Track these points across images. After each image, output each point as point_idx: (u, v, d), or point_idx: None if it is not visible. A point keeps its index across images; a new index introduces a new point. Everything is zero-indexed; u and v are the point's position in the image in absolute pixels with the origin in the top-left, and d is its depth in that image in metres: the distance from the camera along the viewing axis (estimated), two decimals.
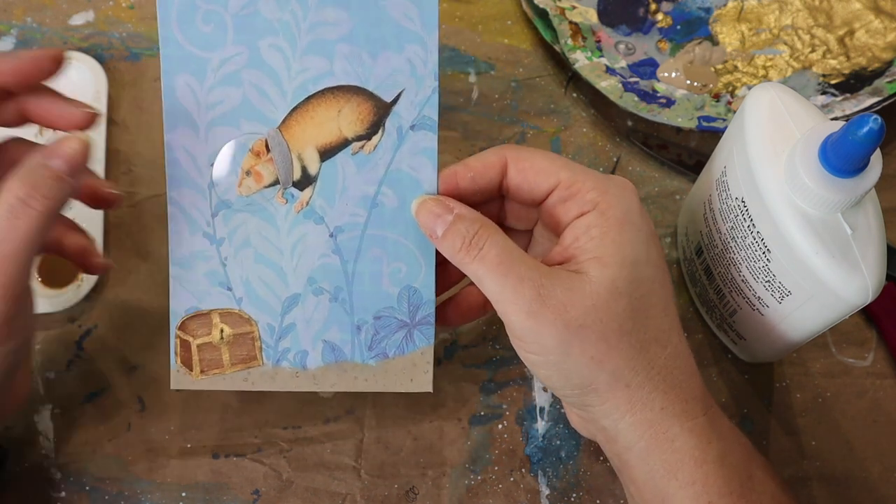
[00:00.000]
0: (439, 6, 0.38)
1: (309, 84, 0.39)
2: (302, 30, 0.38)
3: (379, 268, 0.40)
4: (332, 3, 0.38)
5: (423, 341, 0.41)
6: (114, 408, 0.47)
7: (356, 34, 0.38)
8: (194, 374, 0.41)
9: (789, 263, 0.38)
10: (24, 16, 0.55)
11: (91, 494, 0.45)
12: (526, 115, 0.54)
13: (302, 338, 0.41)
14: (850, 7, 0.54)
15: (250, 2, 0.38)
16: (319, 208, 0.40)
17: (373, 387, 0.41)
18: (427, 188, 0.39)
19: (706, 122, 0.50)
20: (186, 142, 0.39)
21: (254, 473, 0.46)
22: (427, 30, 0.38)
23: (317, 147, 0.39)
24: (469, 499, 0.46)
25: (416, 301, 0.41)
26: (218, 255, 0.40)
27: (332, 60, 0.39)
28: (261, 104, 0.39)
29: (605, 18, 0.55)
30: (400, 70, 0.39)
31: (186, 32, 0.38)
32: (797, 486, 0.46)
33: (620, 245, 0.35)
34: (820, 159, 0.35)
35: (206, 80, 0.39)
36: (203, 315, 0.41)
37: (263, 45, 0.39)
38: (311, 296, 0.41)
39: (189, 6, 0.38)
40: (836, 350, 0.48)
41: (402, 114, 0.39)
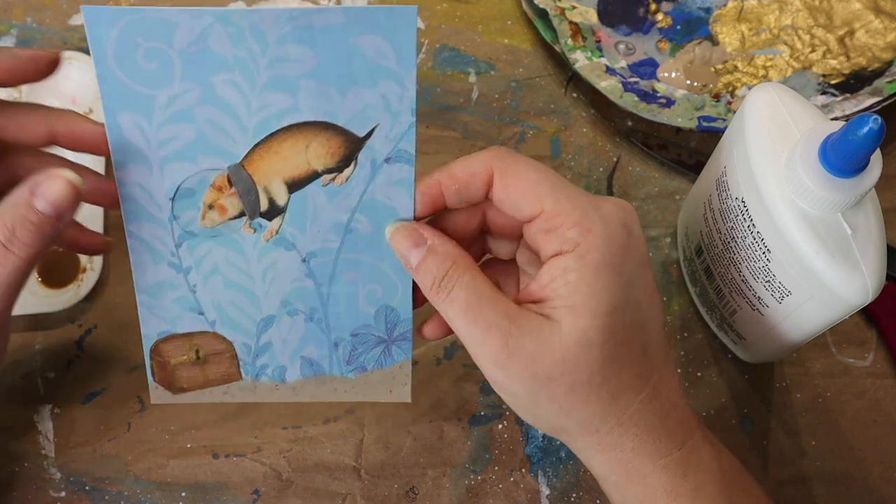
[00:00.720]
0: (418, 42, 0.36)
1: (272, 120, 0.36)
2: (260, 66, 0.36)
3: (355, 289, 0.39)
4: (294, 39, 0.35)
5: (402, 355, 0.40)
6: (114, 408, 0.47)
7: (322, 70, 0.35)
8: (174, 391, 0.41)
9: (789, 263, 0.38)
10: (24, 16, 0.55)
11: (91, 494, 0.45)
12: (526, 115, 0.54)
13: (279, 355, 0.41)
14: (850, 7, 0.54)
15: (199, 38, 0.35)
16: (290, 236, 0.38)
17: (352, 397, 0.41)
18: (403, 216, 0.37)
19: (706, 122, 0.50)
20: (140, 178, 0.37)
21: (254, 473, 0.46)
22: (404, 67, 0.35)
23: (284, 180, 0.38)
24: (469, 499, 0.46)
25: (394, 319, 0.40)
26: (186, 283, 0.39)
27: (296, 96, 0.36)
28: (218, 140, 0.37)
29: (605, 18, 0.55)
30: (373, 105, 0.36)
31: (126, 69, 0.35)
32: (797, 486, 0.46)
33: (596, 294, 0.33)
34: (820, 159, 0.35)
35: (153, 117, 0.36)
36: (177, 337, 0.40)
37: (217, 81, 0.36)
38: (286, 317, 0.40)
39: (127, 43, 0.35)
40: (836, 350, 0.48)
41: (377, 147, 0.37)
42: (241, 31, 0.35)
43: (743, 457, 0.46)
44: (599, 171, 0.52)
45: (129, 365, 0.48)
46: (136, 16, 0.34)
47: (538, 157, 0.52)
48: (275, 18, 0.34)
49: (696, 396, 0.47)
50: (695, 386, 0.48)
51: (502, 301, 0.34)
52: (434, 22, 0.56)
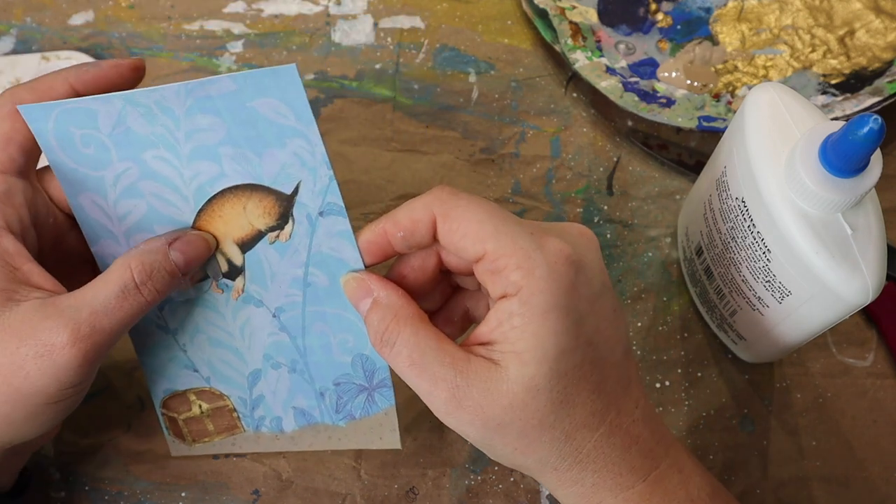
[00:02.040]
0: (308, 100, 0.35)
1: (206, 186, 0.38)
2: (179, 139, 0.37)
3: (327, 340, 0.40)
4: (200, 110, 0.36)
5: (385, 402, 0.41)
6: (114, 408, 0.47)
7: (234, 136, 0.37)
8: (188, 442, 0.43)
9: (789, 263, 0.38)
10: (23, 16, 0.55)
11: (91, 494, 0.45)
12: (526, 115, 0.54)
13: (273, 406, 0.42)
14: (851, 7, 0.54)
15: (119, 121, 0.37)
16: (256, 293, 0.39)
17: (346, 444, 0.42)
18: (352, 265, 0.38)
19: (706, 122, 0.50)
20: (111, 250, 0.39)
21: (254, 473, 0.46)
22: (304, 123, 0.36)
23: (234, 241, 0.39)
24: (469, 499, 0.46)
25: (370, 367, 0.40)
26: (177, 343, 0.41)
27: (220, 163, 0.37)
28: (167, 210, 0.38)
29: (606, 18, 0.55)
30: (290, 164, 0.37)
31: (71, 156, 0.37)
32: (797, 486, 0.46)
33: (542, 339, 0.32)
34: (820, 159, 0.35)
35: (108, 195, 0.38)
36: (180, 394, 0.42)
37: (148, 157, 0.37)
38: (270, 370, 0.41)
39: (64, 133, 0.37)
40: (836, 350, 0.48)
41: (307, 202, 0.37)
42: (150, 110, 0.36)
43: (743, 457, 0.46)
44: (599, 171, 0.52)
45: (129, 365, 0.48)
46: (63, 107, 0.36)
47: (538, 157, 0.52)
48: (174, 94, 0.36)
49: (696, 396, 0.48)
50: (695, 386, 0.48)
51: (447, 351, 0.34)
52: (434, 22, 0.56)
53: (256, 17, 0.56)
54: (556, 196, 0.51)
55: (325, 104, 0.53)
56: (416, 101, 0.54)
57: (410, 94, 0.54)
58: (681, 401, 0.47)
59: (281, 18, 0.56)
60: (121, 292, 0.34)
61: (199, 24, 0.55)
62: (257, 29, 0.55)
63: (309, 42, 0.55)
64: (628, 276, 0.50)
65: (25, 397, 0.34)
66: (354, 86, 0.54)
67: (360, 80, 0.54)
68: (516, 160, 0.52)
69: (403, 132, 0.53)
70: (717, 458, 0.46)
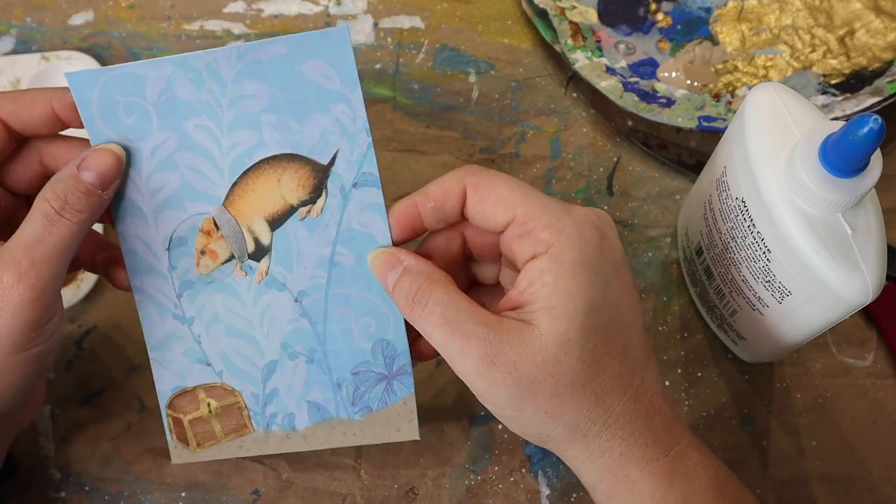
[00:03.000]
0: (357, 65, 0.37)
1: (243, 158, 0.38)
2: (223, 106, 0.38)
3: (348, 325, 0.40)
4: (249, 75, 0.37)
5: (404, 391, 0.41)
6: (114, 408, 0.47)
7: (279, 102, 0.37)
8: (191, 448, 0.42)
9: (789, 263, 0.38)
10: (23, 16, 0.55)
11: (91, 494, 0.45)
12: (526, 115, 0.54)
13: (286, 402, 0.41)
14: (851, 7, 0.54)
15: (167, 87, 0.37)
16: (280, 276, 0.40)
17: (361, 440, 0.42)
18: (381, 242, 0.38)
19: (706, 122, 0.50)
20: (138, 230, 0.39)
21: (254, 473, 0.46)
22: (348, 87, 0.37)
23: (264, 217, 0.39)
24: (469, 499, 0.46)
25: (391, 353, 0.40)
26: (191, 334, 0.41)
27: (260, 132, 0.38)
28: (200, 184, 0.39)
29: (605, 18, 0.55)
30: (330, 131, 0.38)
31: (112, 126, 0.38)
32: (797, 486, 0.46)
33: (573, 294, 0.34)
34: (820, 159, 0.35)
35: (142, 168, 0.38)
36: (189, 392, 0.41)
37: (189, 126, 0.38)
38: (287, 360, 0.41)
39: (108, 101, 0.37)
40: (836, 350, 0.48)
41: (342, 174, 0.38)
42: (199, 75, 0.37)
43: (743, 457, 0.46)
44: (599, 171, 0.52)
45: (128, 365, 0.48)
46: (111, 73, 0.37)
47: (538, 157, 0.52)
48: (226, 57, 0.37)
49: (697, 396, 0.48)
50: (695, 386, 0.48)
51: (479, 311, 0.35)
52: (434, 22, 0.56)
53: (256, 17, 0.56)
54: (556, 196, 0.51)
55: None
56: (416, 100, 0.54)
57: (410, 94, 0.54)
58: (681, 401, 0.47)
59: (281, 18, 0.56)
60: (45, 220, 0.35)
61: (199, 24, 0.55)
62: (257, 29, 0.55)
63: None
64: None
65: None
66: None
67: (361, 79, 0.54)
68: (516, 160, 0.52)
69: (403, 132, 0.53)
70: None
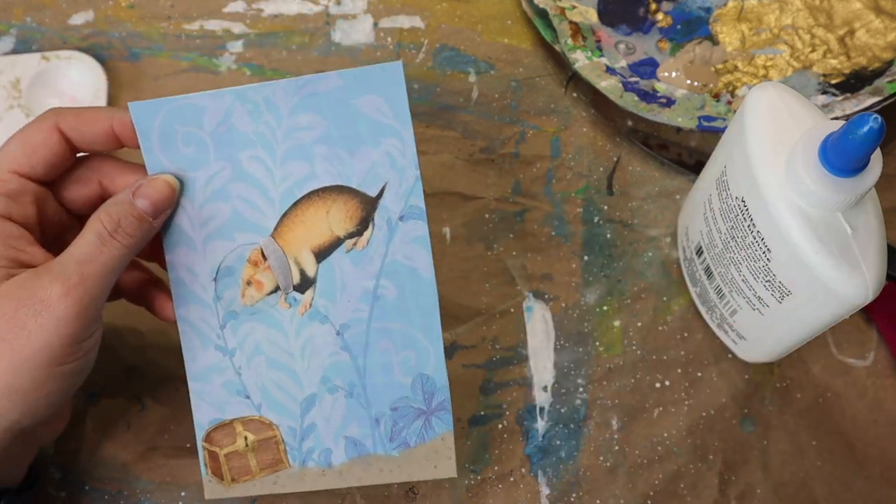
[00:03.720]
0: (409, 98, 0.38)
1: (294, 189, 0.39)
2: (278, 138, 0.39)
3: (389, 359, 0.40)
4: (304, 108, 0.38)
5: (442, 427, 0.41)
6: (114, 408, 0.47)
7: (332, 134, 0.38)
8: (226, 483, 0.42)
9: (789, 263, 0.38)
10: (23, 15, 0.55)
11: (91, 494, 0.45)
12: (526, 115, 0.54)
13: (324, 437, 0.41)
14: (851, 7, 0.54)
15: (224, 118, 0.38)
16: (323, 308, 0.40)
17: (398, 477, 0.42)
18: (425, 276, 0.40)
19: (706, 121, 0.50)
20: (187, 260, 0.40)
21: None
22: (400, 122, 0.38)
23: (311, 249, 0.40)
24: (469, 499, 0.46)
25: (430, 388, 0.41)
26: (232, 366, 0.41)
27: (312, 163, 0.39)
28: (251, 215, 0.39)
29: (605, 18, 0.55)
30: (380, 163, 0.39)
31: (170, 156, 0.39)
32: (797, 486, 0.46)
33: None
34: (820, 159, 0.35)
35: (196, 198, 0.39)
36: (226, 425, 0.41)
37: (244, 157, 0.39)
38: (326, 394, 0.41)
39: (168, 130, 0.38)
40: (836, 350, 0.48)
41: (390, 206, 0.39)
42: (258, 107, 0.38)
43: (743, 457, 0.46)
44: (599, 171, 0.52)
45: (128, 365, 0.48)
46: (172, 104, 0.38)
47: (538, 157, 0.52)
48: (284, 90, 0.38)
49: (697, 396, 0.47)
50: (695, 386, 0.48)
51: None
52: (434, 22, 0.56)
53: (256, 16, 0.56)
54: (557, 196, 0.51)
55: None
56: (415, 100, 0.54)
57: (410, 94, 0.54)
58: (681, 400, 0.47)
59: (281, 18, 0.56)
60: (97, 240, 0.36)
61: (198, 24, 0.55)
62: (257, 29, 0.55)
63: (309, 42, 0.55)
64: (628, 275, 0.50)
65: (30, 360, 0.35)
66: None
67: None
68: (516, 160, 0.52)
69: None
70: (716, 458, 0.46)
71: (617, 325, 0.49)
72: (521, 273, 0.50)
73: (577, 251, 0.50)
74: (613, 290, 0.50)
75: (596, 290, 0.50)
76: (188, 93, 0.38)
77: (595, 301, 0.49)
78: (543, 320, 0.49)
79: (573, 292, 0.50)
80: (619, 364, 0.48)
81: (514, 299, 0.49)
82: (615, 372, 0.48)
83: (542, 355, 0.48)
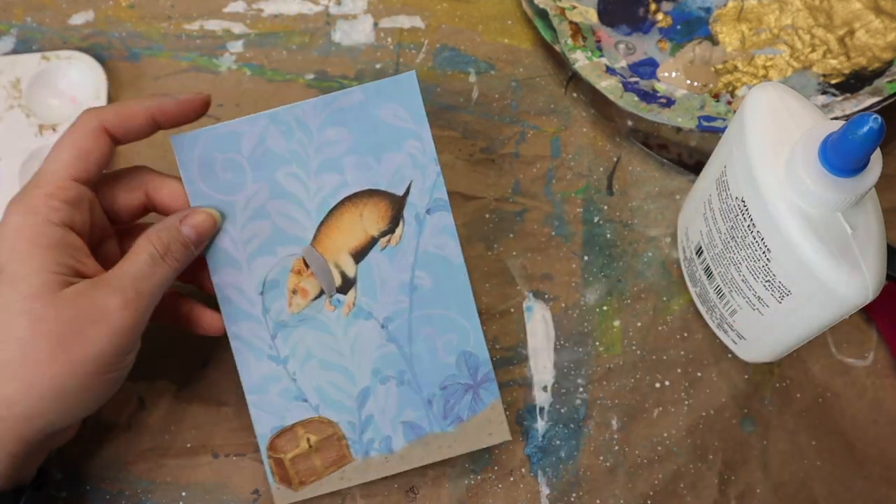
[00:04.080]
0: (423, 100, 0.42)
1: (328, 198, 0.42)
2: (310, 153, 0.42)
3: (433, 344, 0.43)
4: (332, 123, 0.42)
5: (490, 396, 0.44)
6: (114, 408, 0.47)
7: (359, 144, 0.42)
8: (294, 486, 0.43)
9: (789, 263, 0.38)
10: (23, 15, 0.55)
11: (91, 494, 0.45)
12: (526, 115, 0.54)
13: (382, 425, 0.43)
14: (851, 7, 0.54)
15: (260, 141, 0.42)
16: (366, 305, 0.43)
17: (457, 451, 0.44)
18: (455, 261, 0.43)
19: (706, 121, 0.50)
20: (232, 279, 0.42)
21: (254, 473, 0.46)
22: (419, 124, 0.42)
23: (349, 251, 0.43)
24: (469, 499, 0.46)
25: (474, 363, 0.43)
26: (287, 373, 0.43)
27: (343, 173, 0.42)
28: (290, 228, 0.42)
29: (605, 18, 0.55)
30: (404, 164, 0.42)
31: (210, 183, 0.42)
32: (797, 486, 0.46)
33: None
34: (820, 159, 0.35)
35: (237, 220, 0.42)
36: (288, 430, 0.43)
37: (280, 175, 0.42)
38: (379, 385, 0.43)
39: (208, 160, 0.41)
40: (836, 350, 0.48)
41: (416, 202, 0.43)
42: (290, 127, 0.42)
43: (743, 457, 0.46)
44: (599, 171, 0.52)
45: None
46: (211, 133, 0.41)
47: (538, 157, 0.52)
48: (313, 108, 0.42)
49: (696, 396, 0.48)
50: (695, 386, 0.48)
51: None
52: (434, 22, 0.56)
53: (256, 16, 0.56)
54: (557, 196, 0.51)
55: None
56: None
57: None
58: (681, 400, 0.47)
59: (281, 18, 0.56)
60: (150, 260, 0.39)
61: (199, 24, 0.55)
62: (257, 29, 0.55)
63: (309, 42, 0.55)
64: (628, 275, 0.50)
65: (82, 365, 0.37)
66: (354, 85, 0.54)
67: (361, 79, 0.54)
68: (516, 160, 0.52)
69: None
70: (716, 458, 0.46)
71: (617, 325, 0.49)
72: (521, 273, 0.50)
73: (577, 251, 0.50)
74: (613, 290, 0.50)
75: (596, 290, 0.50)
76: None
77: (595, 301, 0.49)
78: (543, 320, 0.49)
79: (573, 292, 0.50)
80: (619, 364, 0.48)
81: (514, 299, 0.49)
82: (615, 372, 0.48)
83: (542, 355, 0.48)
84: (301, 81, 0.54)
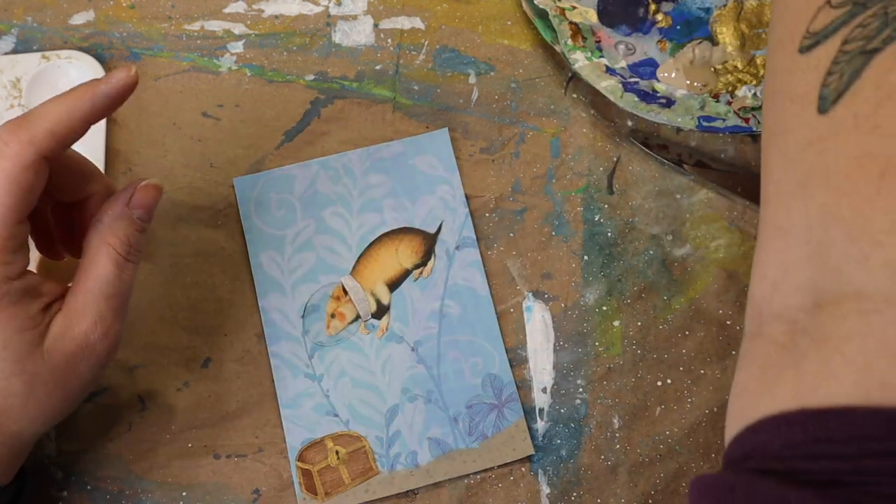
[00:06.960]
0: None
1: (368, 235, 0.48)
2: (354, 196, 0.48)
3: (460, 366, 0.47)
4: (374, 170, 0.49)
5: (514, 415, 0.46)
6: (114, 408, 0.47)
7: (397, 189, 0.49)
8: (319, 497, 0.44)
9: None
10: (24, 15, 0.55)
11: (92, 494, 0.45)
12: (526, 116, 0.54)
13: (408, 441, 0.45)
14: None
15: (311, 184, 0.48)
16: (398, 329, 0.47)
17: (481, 465, 0.46)
18: (480, 293, 0.48)
19: (706, 122, 0.50)
20: (277, 303, 0.47)
21: (254, 473, 0.46)
22: (449, 171, 0.49)
23: (385, 282, 0.47)
24: (469, 499, 0.46)
25: (499, 385, 0.46)
26: (321, 390, 0.46)
27: (382, 213, 0.48)
28: (332, 260, 0.48)
29: (605, 18, 0.55)
30: (436, 207, 0.48)
31: (264, 219, 0.48)
32: None
33: None
34: None
35: (285, 251, 0.47)
36: (317, 443, 0.46)
37: (326, 213, 0.48)
38: (407, 403, 0.46)
39: (264, 199, 0.48)
40: None
41: (447, 239, 0.48)
42: (337, 173, 0.49)
43: None
44: (599, 171, 0.52)
45: (129, 365, 0.48)
46: (269, 176, 0.49)
47: (538, 157, 0.52)
48: (359, 157, 0.49)
49: (699, 394, 0.48)
50: (697, 384, 0.48)
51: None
52: (434, 23, 0.56)
53: (257, 17, 0.56)
54: (557, 195, 0.52)
55: (325, 105, 0.53)
56: (416, 101, 0.54)
57: (410, 95, 0.54)
58: (683, 398, 0.47)
59: (281, 19, 0.56)
60: (115, 267, 0.38)
61: (199, 25, 0.55)
62: (258, 29, 0.55)
63: (309, 43, 0.55)
64: (629, 274, 0.50)
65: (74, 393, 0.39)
66: (354, 86, 0.54)
67: (361, 80, 0.54)
68: (516, 160, 0.52)
69: (404, 133, 0.53)
70: (720, 457, 0.46)
71: (617, 324, 0.49)
72: (520, 273, 0.50)
73: (577, 251, 0.50)
74: (613, 290, 0.50)
75: (596, 290, 0.50)
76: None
77: (595, 301, 0.49)
78: (543, 320, 0.49)
79: (573, 292, 0.50)
80: (620, 364, 0.48)
81: (514, 299, 0.49)
82: (615, 371, 0.48)
83: (542, 356, 0.48)
84: (301, 82, 0.54)
